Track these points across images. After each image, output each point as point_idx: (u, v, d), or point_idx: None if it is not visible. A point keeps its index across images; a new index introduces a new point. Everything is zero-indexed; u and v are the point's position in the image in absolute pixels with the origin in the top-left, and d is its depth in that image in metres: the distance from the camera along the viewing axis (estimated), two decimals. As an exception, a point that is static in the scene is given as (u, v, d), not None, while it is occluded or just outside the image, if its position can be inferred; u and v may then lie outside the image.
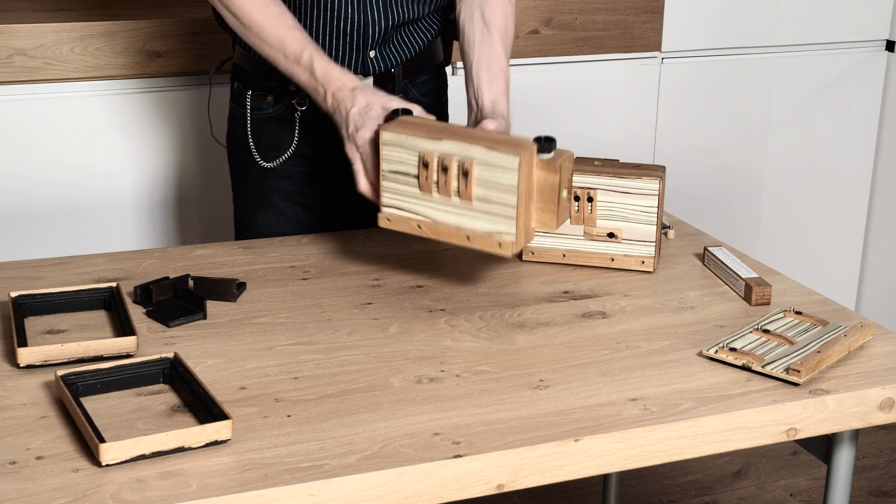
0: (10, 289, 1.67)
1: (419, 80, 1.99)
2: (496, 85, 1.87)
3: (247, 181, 2.01)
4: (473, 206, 1.63)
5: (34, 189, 2.50)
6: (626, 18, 2.88)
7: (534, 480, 1.32)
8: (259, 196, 1.99)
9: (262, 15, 1.79)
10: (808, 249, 3.29)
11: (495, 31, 1.90)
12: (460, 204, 1.64)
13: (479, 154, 1.62)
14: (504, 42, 1.91)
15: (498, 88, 1.86)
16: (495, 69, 1.88)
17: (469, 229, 1.65)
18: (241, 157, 2.00)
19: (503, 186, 1.61)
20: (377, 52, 1.90)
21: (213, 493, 1.20)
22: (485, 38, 1.89)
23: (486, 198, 1.62)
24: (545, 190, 1.64)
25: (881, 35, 3.18)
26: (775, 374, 1.47)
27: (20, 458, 1.25)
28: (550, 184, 1.63)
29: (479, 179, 1.62)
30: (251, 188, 2.00)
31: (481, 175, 1.62)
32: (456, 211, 1.65)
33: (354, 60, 1.90)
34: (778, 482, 2.85)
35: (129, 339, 1.49)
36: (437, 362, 1.50)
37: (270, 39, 1.80)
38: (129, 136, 2.55)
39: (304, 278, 1.76)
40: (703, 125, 3.06)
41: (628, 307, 1.69)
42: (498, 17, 1.91)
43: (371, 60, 1.90)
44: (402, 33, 1.92)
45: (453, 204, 1.65)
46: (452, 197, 1.64)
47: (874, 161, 3.29)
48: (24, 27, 2.40)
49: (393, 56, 1.92)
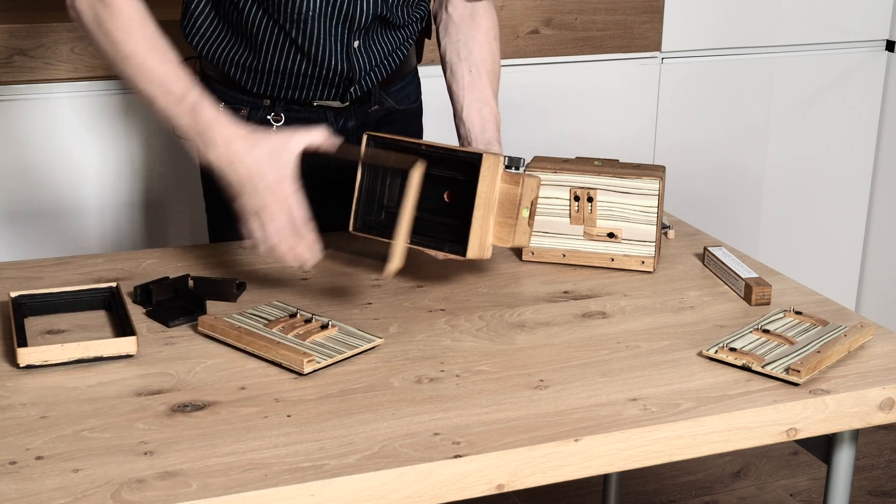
0: (10, 289, 1.67)
1: (393, 88, 1.97)
2: (489, 129, 1.87)
3: (220, 189, 1.93)
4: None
5: (34, 189, 2.50)
6: (626, 18, 2.88)
7: (534, 480, 1.32)
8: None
9: (146, 46, 1.62)
10: (808, 249, 3.29)
11: (484, 73, 1.90)
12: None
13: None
14: (493, 84, 1.91)
15: (490, 134, 1.87)
16: (486, 114, 1.88)
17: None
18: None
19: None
20: (356, 84, 1.87)
21: (213, 493, 1.20)
22: (475, 82, 1.89)
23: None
24: (506, 203, 1.65)
25: (881, 35, 3.19)
26: (775, 374, 1.47)
27: (20, 458, 1.25)
28: (511, 197, 1.65)
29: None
30: (228, 201, 1.94)
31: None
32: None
33: (334, 93, 1.86)
34: (778, 482, 2.85)
35: (129, 339, 1.48)
36: (437, 362, 1.50)
37: (153, 73, 1.61)
38: (129, 136, 2.55)
39: (304, 278, 1.76)
40: (703, 125, 3.06)
41: (628, 307, 1.69)
42: (486, 59, 1.91)
43: (350, 93, 1.87)
44: (381, 63, 1.91)
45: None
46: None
47: (874, 161, 3.29)
48: (24, 27, 2.40)
49: (371, 81, 1.89)
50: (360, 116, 1.94)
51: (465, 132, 1.88)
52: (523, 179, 1.64)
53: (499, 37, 1.95)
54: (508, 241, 1.66)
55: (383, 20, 1.84)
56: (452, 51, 1.92)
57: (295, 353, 1.46)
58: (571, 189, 1.81)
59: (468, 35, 1.91)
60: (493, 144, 1.86)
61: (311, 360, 1.45)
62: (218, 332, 1.53)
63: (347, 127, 1.93)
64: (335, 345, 1.51)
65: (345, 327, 1.56)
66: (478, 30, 1.92)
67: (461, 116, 1.89)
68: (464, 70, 1.90)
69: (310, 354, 1.46)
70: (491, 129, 1.87)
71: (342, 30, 1.81)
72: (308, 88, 1.86)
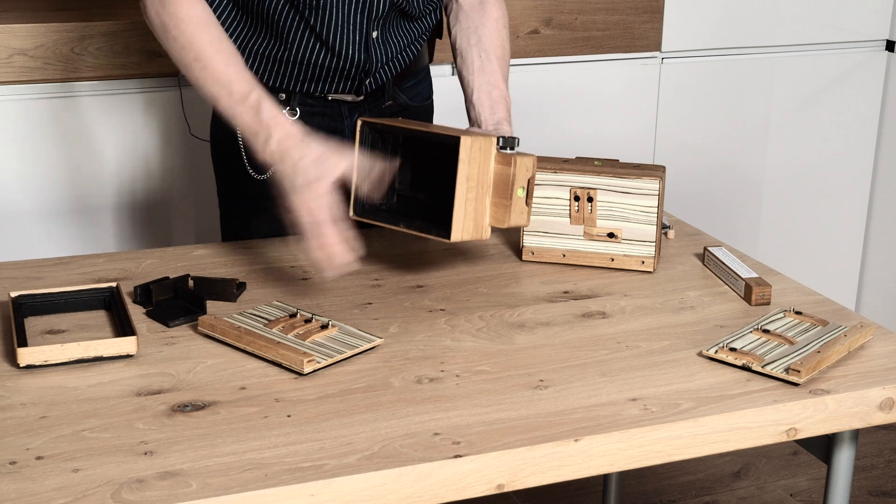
0: (10, 289, 1.67)
1: (407, 84, 1.99)
2: (498, 110, 1.88)
3: (238, 188, 1.97)
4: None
5: (34, 189, 2.50)
6: (626, 18, 2.88)
7: (534, 480, 1.32)
8: (251, 204, 1.95)
9: (213, 49, 1.70)
10: (808, 249, 3.29)
11: (494, 58, 1.91)
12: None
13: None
14: (503, 68, 1.92)
15: (500, 114, 1.88)
16: (496, 96, 1.89)
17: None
18: (229, 165, 1.95)
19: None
20: (372, 77, 1.89)
21: (213, 493, 1.20)
22: (485, 66, 1.90)
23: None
24: (500, 184, 1.66)
25: (881, 35, 3.19)
26: (775, 374, 1.47)
27: (20, 458, 1.25)
28: (504, 177, 1.65)
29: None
30: (242, 196, 1.96)
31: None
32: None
33: (350, 86, 1.88)
34: (778, 482, 2.85)
35: (129, 339, 1.48)
36: (437, 362, 1.50)
37: (217, 75, 1.69)
38: (130, 136, 2.55)
39: (304, 278, 1.76)
40: (703, 125, 3.06)
41: (628, 307, 1.69)
42: (496, 45, 1.92)
43: (366, 85, 1.88)
44: (397, 56, 1.91)
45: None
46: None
47: (874, 161, 3.29)
48: (24, 27, 2.40)
49: (386, 75, 1.91)
50: (373, 112, 1.95)
51: (475, 115, 1.89)
52: (515, 160, 1.65)
53: (508, 26, 1.96)
54: (504, 222, 1.67)
55: (400, 10, 1.86)
56: (463, 38, 1.93)
57: (295, 353, 1.46)
58: (571, 189, 1.81)
59: (478, 23, 1.93)
60: (503, 125, 1.86)
61: (311, 360, 1.45)
62: (218, 332, 1.53)
63: None
64: (335, 345, 1.51)
65: (345, 327, 1.56)
66: (487, 17, 1.94)
67: (471, 100, 1.90)
68: (474, 55, 1.91)
69: (310, 354, 1.46)
70: (501, 111, 1.88)
71: (361, 19, 1.82)
72: (325, 80, 1.87)
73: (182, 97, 2.20)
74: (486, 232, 1.68)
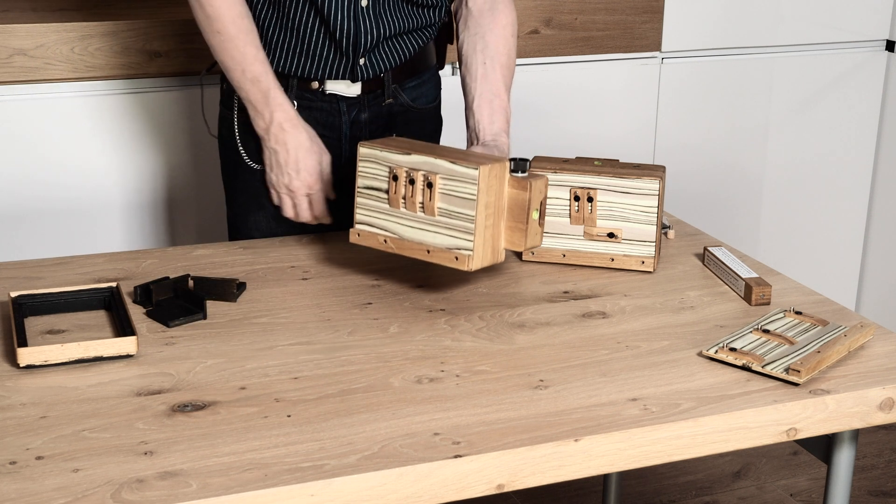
0: (10, 289, 1.68)
1: (409, 84, 1.99)
2: (497, 121, 1.88)
3: (237, 183, 1.99)
4: (436, 219, 1.64)
5: (34, 189, 2.50)
6: (626, 18, 2.88)
7: (534, 480, 1.32)
8: (250, 198, 1.97)
9: (235, 28, 1.82)
10: (808, 249, 3.29)
11: (498, 66, 1.91)
12: (425, 218, 1.65)
13: (443, 166, 1.63)
14: (506, 77, 1.92)
15: (499, 125, 1.87)
16: (496, 105, 1.88)
17: (430, 244, 1.66)
18: (231, 158, 1.98)
19: (464, 200, 1.61)
20: (367, 58, 1.90)
21: (213, 493, 1.20)
22: (488, 74, 1.90)
23: (448, 212, 1.63)
24: (515, 208, 1.65)
25: (881, 35, 3.19)
26: (775, 374, 1.47)
27: (20, 458, 1.25)
28: (520, 202, 1.64)
29: (442, 192, 1.63)
30: (242, 190, 1.98)
31: (445, 187, 1.63)
32: (420, 226, 1.66)
33: (343, 66, 1.89)
34: (778, 482, 2.85)
35: (129, 339, 1.49)
36: (437, 362, 1.50)
37: (235, 52, 1.83)
38: (130, 136, 2.55)
39: (304, 278, 1.76)
40: (703, 125, 3.06)
41: (628, 307, 1.69)
42: (501, 52, 1.92)
43: (360, 68, 1.89)
44: (393, 40, 1.91)
45: (418, 218, 1.66)
46: (417, 211, 1.65)
47: (874, 161, 3.29)
48: (24, 27, 2.40)
49: (382, 62, 1.91)
50: (373, 109, 1.94)
51: (473, 123, 1.89)
52: (531, 184, 1.64)
53: (517, 34, 1.96)
54: (520, 245, 1.66)
55: None
56: (469, 44, 1.93)
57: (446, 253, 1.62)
58: (571, 189, 1.81)
59: (486, 28, 1.92)
60: (501, 136, 1.86)
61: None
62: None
63: (360, 119, 1.94)
64: (452, 206, 1.63)
65: (446, 168, 1.63)
66: (496, 24, 1.93)
67: (471, 107, 1.89)
68: (478, 62, 1.91)
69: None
70: (499, 121, 1.88)
71: None
72: (320, 56, 1.88)
73: (203, 97, 2.21)
74: (501, 255, 1.67)
